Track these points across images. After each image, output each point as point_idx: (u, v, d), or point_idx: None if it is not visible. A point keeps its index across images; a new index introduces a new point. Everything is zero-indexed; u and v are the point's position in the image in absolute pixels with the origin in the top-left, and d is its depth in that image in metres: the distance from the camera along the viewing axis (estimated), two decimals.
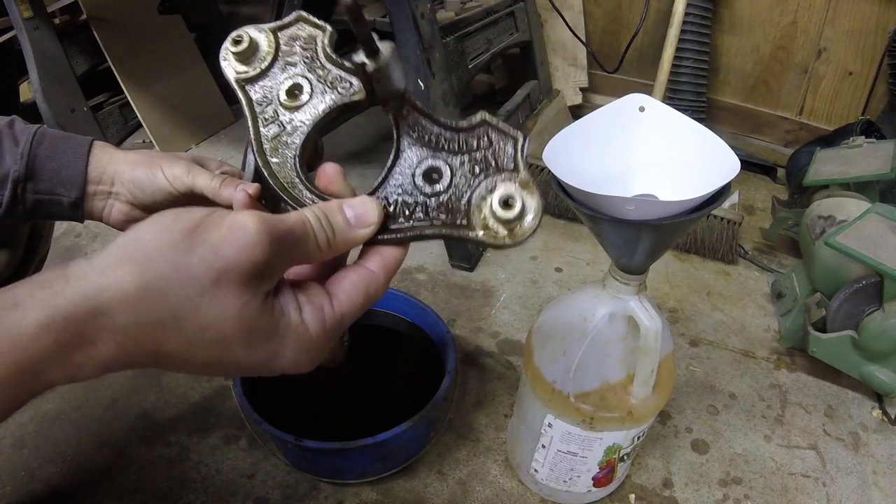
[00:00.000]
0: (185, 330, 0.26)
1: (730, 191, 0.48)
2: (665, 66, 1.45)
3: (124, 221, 0.48)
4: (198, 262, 0.26)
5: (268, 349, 0.28)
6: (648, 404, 0.58)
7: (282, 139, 0.35)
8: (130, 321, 0.25)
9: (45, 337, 0.24)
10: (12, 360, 0.24)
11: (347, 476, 0.71)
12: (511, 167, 0.32)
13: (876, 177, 0.98)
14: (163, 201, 0.45)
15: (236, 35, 0.35)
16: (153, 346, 0.26)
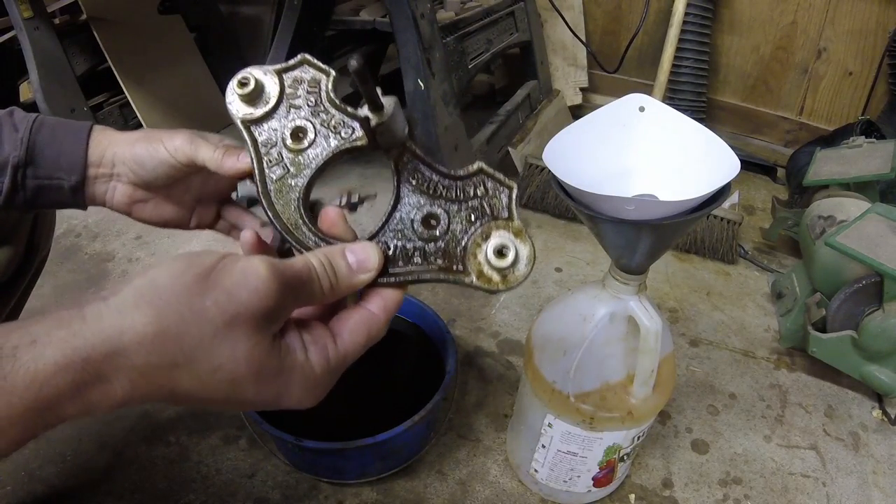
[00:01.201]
0: (198, 370, 0.28)
1: (730, 191, 0.48)
2: (665, 66, 1.45)
3: (128, 204, 0.47)
4: (211, 305, 0.27)
5: (275, 387, 0.30)
6: (648, 404, 0.58)
7: (286, 181, 0.36)
8: (147, 362, 0.27)
9: (63, 375, 0.25)
10: (30, 395, 0.25)
11: (347, 476, 0.71)
12: (505, 216, 0.33)
13: (876, 177, 0.98)
14: (164, 176, 0.45)
15: (242, 77, 0.36)
16: (168, 384, 0.28)
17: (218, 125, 1.58)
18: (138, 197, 0.47)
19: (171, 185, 0.47)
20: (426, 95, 0.93)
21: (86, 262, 1.09)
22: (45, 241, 0.64)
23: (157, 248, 1.12)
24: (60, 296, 1.00)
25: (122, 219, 1.19)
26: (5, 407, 0.24)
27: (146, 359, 0.26)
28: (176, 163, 0.44)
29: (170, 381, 0.27)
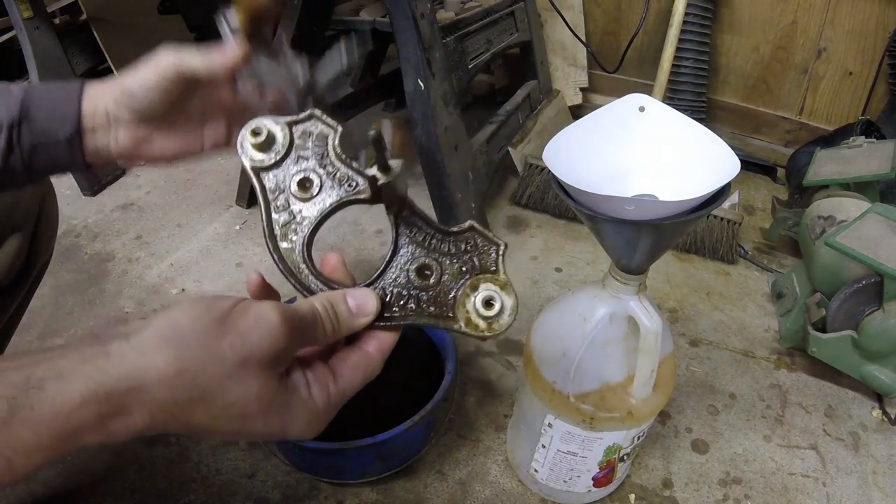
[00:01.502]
0: (213, 406, 0.30)
1: (730, 191, 0.48)
2: (665, 66, 1.45)
3: (133, 146, 0.46)
4: (227, 347, 0.30)
5: (281, 420, 0.32)
6: (648, 404, 0.58)
7: (291, 227, 0.38)
8: (166, 397, 0.29)
9: (88, 408, 0.27)
10: (56, 425, 0.27)
11: (347, 476, 0.71)
12: (493, 269, 0.37)
13: (876, 177, 0.98)
14: (159, 101, 0.44)
15: (255, 127, 0.38)
16: (184, 418, 0.30)
17: None
18: (141, 135, 0.46)
19: (171, 111, 0.45)
20: (426, 95, 0.93)
21: (86, 262, 1.09)
22: (47, 245, 0.64)
23: (157, 248, 1.12)
24: (60, 296, 1.00)
25: (122, 219, 1.20)
26: (33, 436, 0.26)
27: (166, 395, 0.29)
28: (166, 82, 0.43)
29: (186, 415, 0.30)
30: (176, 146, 0.48)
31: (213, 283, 1.04)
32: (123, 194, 1.29)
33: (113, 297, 1.00)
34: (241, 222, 1.20)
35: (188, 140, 0.48)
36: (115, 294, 1.01)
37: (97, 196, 1.28)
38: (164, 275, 1.06)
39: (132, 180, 1.34)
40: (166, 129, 0.47)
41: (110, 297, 1.00)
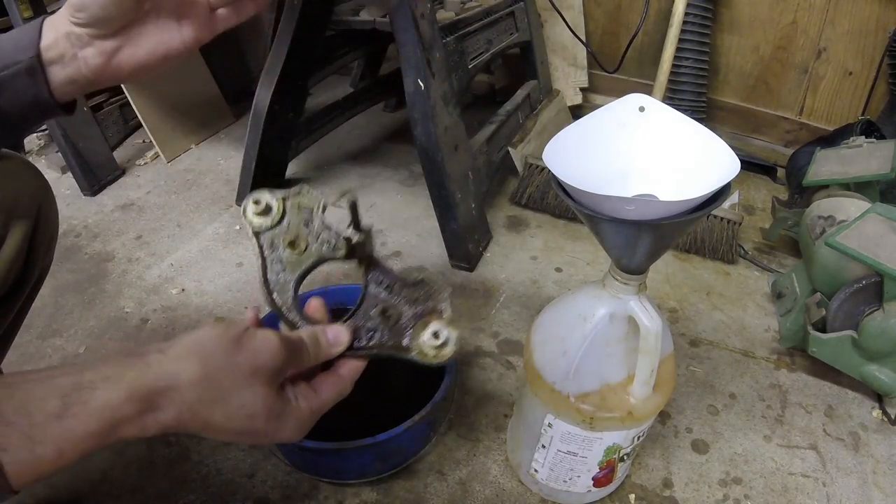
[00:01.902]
0: (228, 406, 0.37)
1: (730, 191, 0.48)
2: (665, 66, 1.45)
3: (106, 61, 0.43)
4: (241, 360, 0.37)
5: (278, 422, 0.40)
6: (648, 404, 0.58)
7: (283, 278, 0.47)
8: (193, 397, 0.36)
9: (130, 404, 0.34)
10: (105, 416, 0.33)
11: (347, 476, 0.71)
12: (441, 310, 0.46)
13: (876, 177, 0.98)
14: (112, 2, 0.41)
15: (256, 198, 0.46)
16: (204, 416, 0.37)
17: (218, 125, 1.59)
18: (109, 48, 0.43)
19: (132, 9, 0.42)
20: (426, 95, 0.93)
21: (86, 262, 1.09)
22: (46, 249, 0.62)
23: (157, 248, 1.12)
24: (60, 296, 1.00)
25: (121, 219, 1.20)
26: (83, 427, 0.32)
27: (193, 395, 0.36)
28: None
29: (207, 413, 0.36)
30: (152, 46, 0.44)
31: (212, 283, 1.04)
32: (123, 194, 1.29)
33: (113, 297, 1.00)
34: (241, 222, 1.20)
35: (164, 38, 0.45)
36: (115, 294, 1.01)
37: (97, 196, 1.28)
38: (164, 275, 1.06)
39: (132, 180, 1.34)
40: (136, 33, 0.43)
41: (110, 297, 1.00)
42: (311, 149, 1.39)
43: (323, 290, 0.87)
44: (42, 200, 0.61)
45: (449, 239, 1.08)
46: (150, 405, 0.34)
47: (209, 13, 0.46)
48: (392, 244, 1.15)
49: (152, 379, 0.35)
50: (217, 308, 0.98)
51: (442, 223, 1.06)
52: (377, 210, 1.26)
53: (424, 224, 1.21)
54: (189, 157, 1.46)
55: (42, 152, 1.42)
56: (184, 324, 0.95)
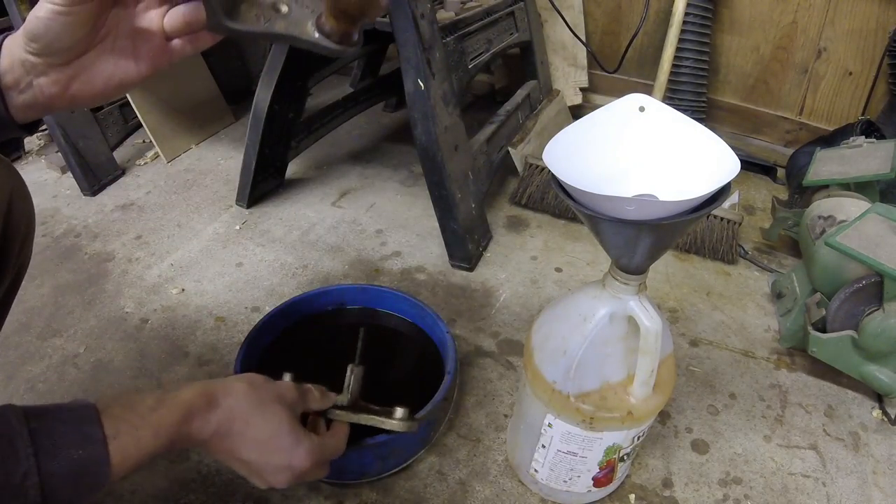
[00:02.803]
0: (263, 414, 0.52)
1: (730, 191, 0.48)
2: (665, 66, 1.45)
3: (62, 90, 0.43)
4: (271, 387, 0.55)
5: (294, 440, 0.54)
6: (648, 404, 0.58)
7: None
8: (240, 402, 0.51)
9: (200, 399, 0.49)
10: (184, 408, 0.47)
11: (347, 476, 0.71)
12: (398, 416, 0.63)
13: (876, 177, 0.98)
14: (65, 30, 0.39)
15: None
16: (242, 420, 0.51)
17: (218, 125, 1.59)
18: (64, 77, 0.42)
19: (85, 39, 0.41)
20: (426, 95, 0.93)
21: (86, 262, 1.09)
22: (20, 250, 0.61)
23: (157, 248, 1.12)
24: (60, 296, 1.00)
25: (121, 219, 1.20)
26: (170, 414, 0.46)
27: (241, 401, 0.51)
28: (63, 8, 0.38)
29: (244, 418, 0.51)
30: (106, 79, 0.44)
31: (212, 283, 1.04)
32: (123, 194, 1.29)
33: (113, 297, 1.00)
34: (241, 222, 1.20)
35: (120, 68, 0.44)
36: (115, 294, 1.01)
37: (97, 196, 1.28)
38: (164, 275, 1.06)
39: (132, 180, 1.34)
40: (91, 63, 0.43)
41: (110, 297, 1.00)
42: (311, 149, 1.39)
43: (323, 291, 0.87)
44: (13, 195, 0.58)
45: (449, 239, 1.08)
46: (213, 402, 0.49)
47: (164, 43, 0.45)
48: (392, 244, 1.15)
49: (215, 386, 0.51)
50: (217, 308, 0.98)
51: (442, 223, 1.06)
52: (377, 210, 1.26)
53: (424, 224, 1.21)
54: (189, 157, 1.46)
55: (42, 152, 1.42)
56: (184, 324, 0.95)
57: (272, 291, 1.02)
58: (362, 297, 0.88)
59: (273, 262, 1.09)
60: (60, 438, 0.39)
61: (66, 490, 0.38)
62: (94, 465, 0.40)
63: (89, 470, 0.39)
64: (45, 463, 0.37)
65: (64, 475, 0.38)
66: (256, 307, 0.99)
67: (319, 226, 1.19)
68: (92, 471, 0.39)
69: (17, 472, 0.36)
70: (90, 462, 0.39)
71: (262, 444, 0.51)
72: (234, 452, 0.51)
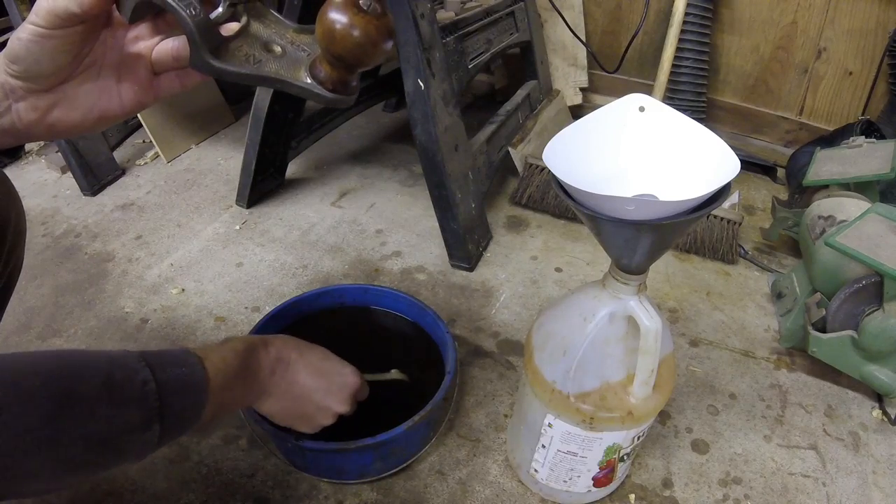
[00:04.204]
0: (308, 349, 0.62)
1: (730, 191, 0.48)
2: (665, 66, 1.45)
3: (40, 118, 0.41)
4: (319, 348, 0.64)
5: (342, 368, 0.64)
6: (648, 404, 0.58)
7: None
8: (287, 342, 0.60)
9: (255, 340, 0.56)
10: (247, 342, 0.55)
11: (347, 476, 0.71)
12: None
13: (876, 177, 0.98)
14: (47, 56, 0.38)
15: None
16: (296, 350, 0.60)
17: (218, 125, 1.59)
18: (43, 104, 0.41)
19: (68, 65, 0.40)
20: (426, 95, 0.93)
21: (86, 262, 1.09)
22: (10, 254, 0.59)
23: (157, 249, 1.12)
24: (60, 296, 1.00)
25: (121, 219, 1.20)
26: (234, 346, 0.53)
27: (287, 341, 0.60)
28: (44, 29, 0.37)
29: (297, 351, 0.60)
30: (87, 110, 0.42)
31: (213, 283, 1.04)
32: (123, 194, 1.29)
33: (113, 297, 1.00)
34: (241, 222, 1.20)
35: (101, 99, 0.43)
36: (115, 294, 1.01)
37: (97, 196, 1.28)
38: (164, 275, 1.06)
39: (132, 180, 1.34)
40: (73, 91, 0.41)
41: (110, 297, 1.00)
42: (311, 149, 1.39)
43: (323, 290, 0.87)
44: (1, 200, 0.57)
45: (449, 239, 1.08)
46: (266, 342, 0.57)
47: (151, 77, 0.44)
48: (392, 244, 1.15)
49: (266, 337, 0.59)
50: (217, 308, 0.98)
51: (442, 223, 1.06)
52: (377, 210, 1.26)
53: (424, 224, 1.21)
54: (189, 156, 1.46)
55: (42, 152, 1.42)
56: (184, 324, 0.95)
57: (272, 291, 1.02)
58: (362, 296, 0.88)
59: (273, 262, 1.09)
60: (167, 359, 0.44)
61: (178, 399, 0.43)
62: (197, 380, 0.46)
63: (194, 383, 0.45)
64: (159, 373, 0.42)
65: (174, 386, 0.43)
66: (256, 307, 0.98)
67: (319, 226, 1.19)
68: (196, 385, 0.45)
69: (137, 378, 0.40)
70: (193, 377, 0.45)
71: (318, 367, 0.60)
72: (296, 379, 0.58)
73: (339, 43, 0.35)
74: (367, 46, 0.36)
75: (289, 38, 0.41)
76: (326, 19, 0.35)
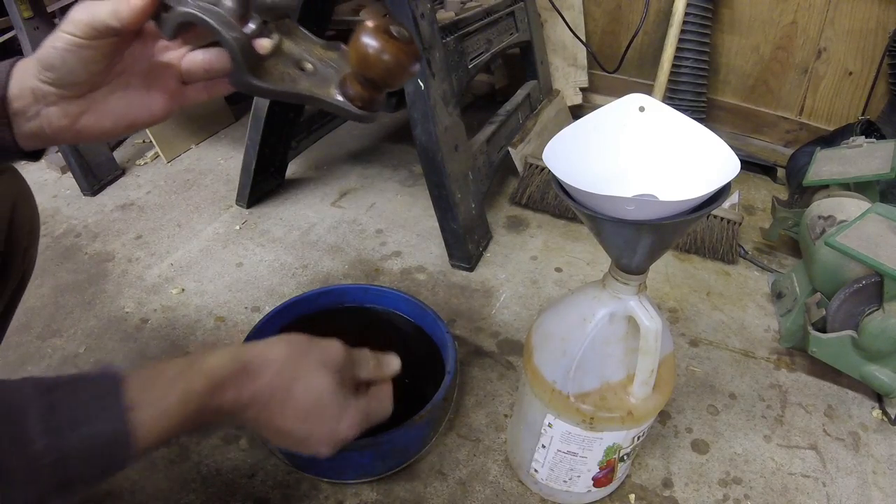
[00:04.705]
0: (305, 382, 0.46)
1: (730, 191, 0.48)
2: (665, 66, 1.45)
3: (70, 123, 0.42)
4: (315, 352, 0.48)
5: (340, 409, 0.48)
6: (648, 404, 0.58)
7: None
8: (279, 370, 0.45)
9: (232, 365, 0.43)
10: (213, 375, 0.42)
11: (347, 476, 0.71)
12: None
13: (876, 177, 0.98)
14: (80, 65, 0.39)
15: None
16: (282, 389, 0.45)
17: (218, 125, 1.59)
18: (74, 111, 0.41)
19: (100, 74, 0.41)
20: (426, 95, 0.93)
21: (86, 262, 1.09)
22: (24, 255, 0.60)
23: (157, 248, 1.12)
24: (60, 296, 1.00)
25: (121, 219, 1.20)
26: (196, 383, 0.41)
27: (280, 367, 0.45)
28: (80, 40, 0.38)
29: (288, 385, 0.45)
30: (117, 118, 0.43)
31: (213, 283, 1.04)
32: (123, 194, 1.29)
33: (113, 297, 1.00)
34: (241, 222, 1.20)
35: (132, 107, 0.44)
36: (115, 294, 1.01)
37: (97, 196, 1.28)
38: (164, 275, 1.06)
39: (132, 180, 1.34)
40: (103, 98, 0.42)
41: (110, 297, 1.00)
42: (311, 149, 1.39)
43: (323, 290, 0.87)
44: (17, 200, 0.58)
45: (449, 239, 1.08)
46: (247, 371, 0.43)
47: (180, 86, 0.46)
48: (392, 244, 1.15)
49: (250, 352, 0.45)
50: (217, 308, 0.98)
51: (442, 223, 1.06)
52: (377, 210, 1.26)
53: (424, 224, 1.21)
54: (189, 156, 1.46)
55: None
56: (184, 324, 0.95)
57: (272, 291, 1.02)
58: (362, 296, 0.88)
59: (273, 262, 1.09)
60: (79, 411, 0.35)
61: (85, 468, 0.36)
62: (116, 439, 0.36)
63: (110, 445, 0.36)
64: (61, 440, 0.34)
65: (82, 452, 0.35)
66: (256, 307, 0.98)
67: (319, 226, 1.19)
68: (113, 446, 0.36)
69: (30, 451, 0.33)
70: (111, 436, 0.36)
71: (304, 413, 0.46)
72: (273, 422, 0.45)
73: (372, 66, 0.37)
74: (396, 70, 0.38)
75: (317, 55, 0.43)
76: (360, 44, 0.37)
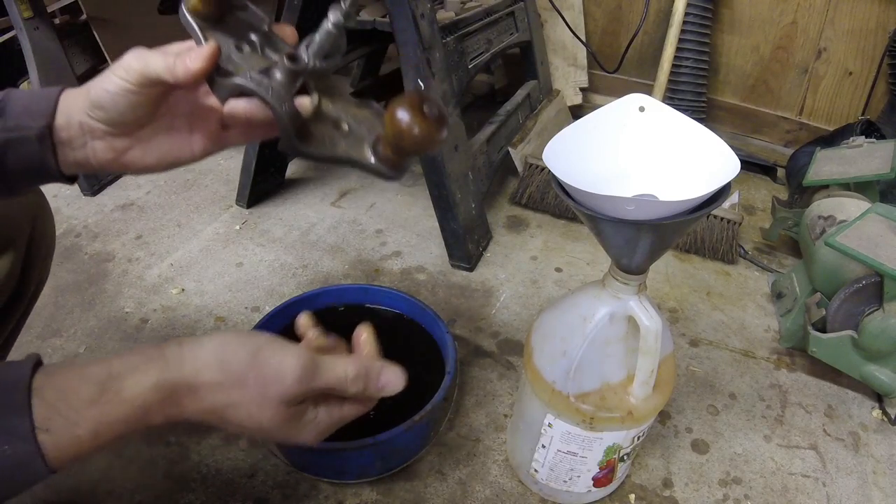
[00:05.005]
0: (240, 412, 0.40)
1: (730, 191, 0.48)
2: (665, 66, 1.45)
3: (115, 157, 0.44)
4: (252, 380, 0.40)
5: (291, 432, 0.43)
6: (648, 404, 0.58)
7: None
8: (211, 399, 0.39)
9: (156, 394, 0.37)
10: (136, 403, 0.37)
11: (347, 476, 0.71)
12: None
13: (876, 177, 0.98)
14: (129, 108, 0.41)
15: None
16: (219, 414, 0.40)
17: None
18: (120, 146, 0.43)
19: (148, 117, 0.43)
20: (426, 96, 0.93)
21: (86, 262, 1.09)
22: (42, 265, 0.62)
23: (157, 249, 1.12)
24: (60, 296, 1.00)
25: (121, 219, 1.20)
26: (116, 411, 0.36)
27: (211, 398, 0.39)
28: (132, 87, 0.39)
29: (220, 413, 0.40)
30: (161, 156, 0.45)
31: (213, 283, 1.04)
32: (123, 194, 1.29)
33: (113, 297, 1.00)
34: (241, 222, 1.20)
35: (175, 146, 0.46)
36: (115, 294, 1.01)
37: (97, 196, 1.28)
38: (164, 275, 1.06)
39: (132, 180, 1.34)
40: (148, 137, 0.44)
41: (110, 297, 1.00)
42: None
43: (323, 290, 0.87)
44: (37, 214, 0.60)
45: (449, 239, 1.08)
46: (173, 401, 0.38)
47: (220, 129, 0.48)
48: (392, 244, 1.15)
49: (175, 376, 0.38)
50: (217, 308, 0.98)
51: (442, 223, 1.06)
52: (377, 210, 1.26)
53: (424, 224, 1.21)
54: None
55: None
56: (184, 324, 0.95)
57: (272, 291, 1.02)
58: (362, 296, 0.88)
59: (273, 262, 1.09)
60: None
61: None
62: (25, 460, 0.33)
63: (20, 466, 0.33)
64: None
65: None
66: (256, 307, 0.98)
67: (319, 226, 1.19)
68: (23, 466, 0.34)
69: None
70: (21, 457, 0.33)
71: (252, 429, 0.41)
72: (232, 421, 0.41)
73: (405, 139, 0.41)
74: (425, 143, 0.41)
75: (352, 114, 0.46)
76: (395, 119, 0.41)
